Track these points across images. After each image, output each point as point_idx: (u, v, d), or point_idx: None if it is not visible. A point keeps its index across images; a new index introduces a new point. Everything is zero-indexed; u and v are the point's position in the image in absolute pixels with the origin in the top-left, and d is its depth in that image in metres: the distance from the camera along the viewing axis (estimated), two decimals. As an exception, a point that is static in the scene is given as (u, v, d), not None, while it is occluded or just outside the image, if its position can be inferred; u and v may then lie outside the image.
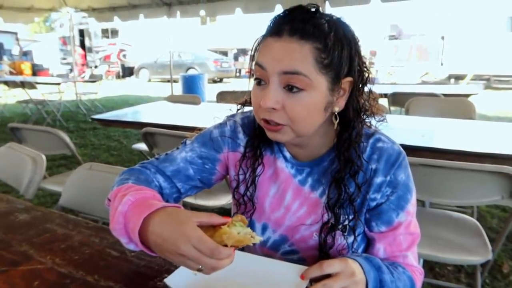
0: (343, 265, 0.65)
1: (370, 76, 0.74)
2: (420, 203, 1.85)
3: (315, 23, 0.67)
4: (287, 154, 0.83)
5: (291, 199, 0.83)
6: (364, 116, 0.78)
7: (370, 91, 0.76)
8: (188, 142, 0.90)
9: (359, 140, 0.75)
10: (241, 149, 0.86)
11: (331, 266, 0.64)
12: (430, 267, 2.06)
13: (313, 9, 0.69)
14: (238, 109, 0.91)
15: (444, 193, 1.51)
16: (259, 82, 0.72)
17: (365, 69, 0.73)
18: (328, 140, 0.79)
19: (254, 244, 0.62)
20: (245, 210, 0.87)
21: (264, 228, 0.86)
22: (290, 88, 0.68)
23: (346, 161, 0.75)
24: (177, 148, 0.89)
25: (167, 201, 0.85)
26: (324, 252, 0.79)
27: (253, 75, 0.74)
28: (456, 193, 1.49)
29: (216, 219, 0.63)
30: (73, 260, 0.82)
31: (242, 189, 0.86)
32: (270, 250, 0.85)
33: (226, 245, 0.60)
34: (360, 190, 0.75)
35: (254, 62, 0.72)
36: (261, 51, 0.71)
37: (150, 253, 0.66)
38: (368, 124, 0.81)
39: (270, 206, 0.85)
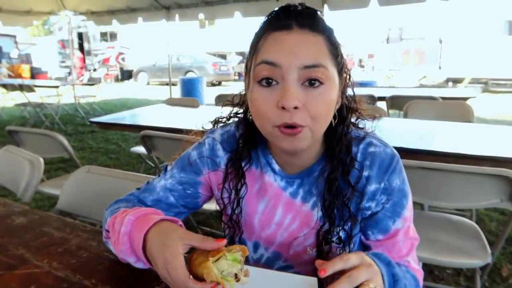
0: (360, 258, 0.59)
1: (352, 77, 0.74)
2: (419, 206, 1.85)
3: (320, 18, 0.66)
4: (276, 167, 0.79)
5: (282, 214, 0.79)
6: (356, 120, 0.77)
7: (353, 92, 0.76)
8: (168, 168, 0.87)
9: (349, 143, 0.74)
10: (222, 167, 0.82)
11: (350, 259, 0.58)
12: (429, 270, 2.06)
13: (304, 6, 0.68)
14: (213, 124, 0.89)
15: (442, 196, 1.50)
16: (268, 81, 0.64)
17: (348, 70, 0.73)
18: (319, 147, 0.76)
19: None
20: (234, 234, 0.84)
21: (256, 246, 0.83)
22: (311, 83, 0.63)
23: (338, 161, 0.72)
24: (158, 176, 0.87)
25: None
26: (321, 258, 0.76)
27: (252, 77, 0.67)
28: (454, 196, 1.49)
29: (209, 244, 0.60)
30: (70, 264, 0.81)
31: (229, 211, 0.83)
32: (264, 267, 0.82)
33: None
34: (354, 190, 0.72)
35: (256, 62, 0.66)
36: (267, 47, 0.65)
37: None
38: (360, 125, 0.79)
39: (259, 223, 0.81)
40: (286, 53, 0.62)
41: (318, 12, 0.68)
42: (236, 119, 0.86)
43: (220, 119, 0.88)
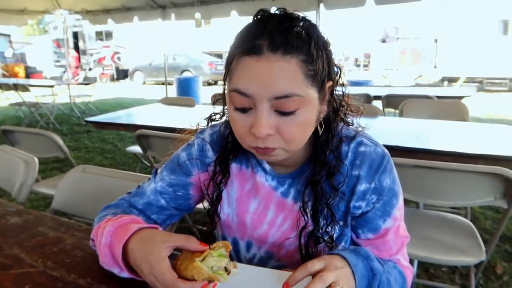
0: (323, 262, 0.61)
1: (343, 73, 0.72)
2: (414, 204, 1.85)
3: (295, 33, 0.61)
4: (267, 166, 0.79)
5: (274, 214, 0.79)
6: (342, 115, 0.76)
7: (343, 89, 0.73)
8: (158, 171, 0.87)
9: (339, 142, 0.73)
10: (211, 168, 0.82)
11: (314, 265, 0.61)
12: (425, 268, 2.07)
13: (282, 13, 0.63)
14: (208, 121, 0.88)
15: (438, 195, 1.51)
16: (243, 109, 0.64)
17: (338, 68, 0.71)
18: (308, 148, 0.75)
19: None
20: (212, 230, 0.85)
21: (249, 246, 0.83)
22: (283, 112, 0.62)
23: (322, 163, 0.72)
24: (149, 179, 0.87)
25: None
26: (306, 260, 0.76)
27: (228, 99, 0.66)
28: (450, 194, 1.50)
29: (193, 244, 0.61)
30: (65, 263, 0.81)
31: (213, 207, 0.84)
32: (257, 266, 0.82)
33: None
34: (337, 193, 0.72)
35: (230, 88, 0.64)
36: (238, 74, 0.62)
37: (141, 279, 0.66)
38: (350, 122, 0.78)
39: (251, 222, 0.81)
40: (257, 84, 0.60)
41: (296, 24, 0.62)
42: (226, 118, 0.84)
43: (214, 116, 0.87)
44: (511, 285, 1.95)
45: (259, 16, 0.65)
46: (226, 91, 0.67)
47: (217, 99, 0.82)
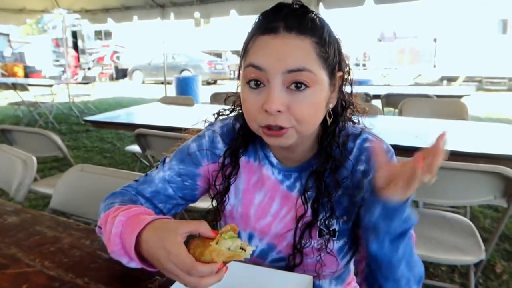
0: None
1: (352, 73, 0.75)
2: (414, 203, 1.85)
3: (309, 18, 0.66)
4: (274, 160, 0.80)
5: (279, 206, 0.80)
6: (350, 114, 0.78)
7: (351, 88, 0.76)
8: (167, 160, 0.87)
9: (346, 138, 0.75)
10: (221, 159, 0.84)
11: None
12: (424, 267, 2.06)
13: (298, 3, 0.68)
14: (216, 117, 0.89)
15: (437, 193, 1.51)
16: (256, 84, 0.67)
17: (348, 66, 0.74)
18: (315, 141, 0.77)
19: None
20: (216, 220, 0.85)
21: (250, 237, 0.83)
22: (296, 87, 0.64)
23: (328, 156, 0.74)
24: (156, 167, 0.87)
25: None
26: (298, 249, 0.76)
27: (242, 77, 0.69)
28: (449, 193, 1.50)
29: (205, 229, 0.61)
30: (63, 263, 0.80)
31: (218, 198, 0.85)
32: (258, 258, 0.83)
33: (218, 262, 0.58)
34: (339, 187, 0.73)
35: (245, 65, 0.68)
36: (254, 51, 0.66)
37: (152, 269, 0.66)
38: (356, 121, 0.80)
39: (255, 214, 0.82)
40: (271, 58, 0.64)
41: (310, 12, 0.67)
42: (236, 113, 0.86)
43: (223, 112, 0.88)
44: (510, 284, 1.95)
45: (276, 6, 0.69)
46: (240, 71, 0.70)
47: (229, 96, 0.85)
